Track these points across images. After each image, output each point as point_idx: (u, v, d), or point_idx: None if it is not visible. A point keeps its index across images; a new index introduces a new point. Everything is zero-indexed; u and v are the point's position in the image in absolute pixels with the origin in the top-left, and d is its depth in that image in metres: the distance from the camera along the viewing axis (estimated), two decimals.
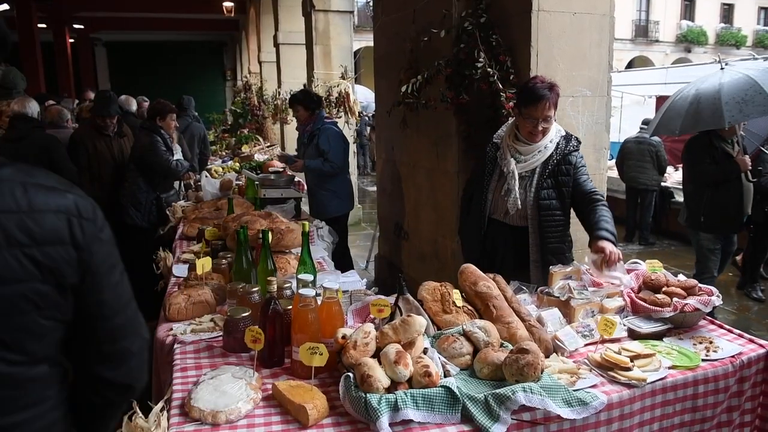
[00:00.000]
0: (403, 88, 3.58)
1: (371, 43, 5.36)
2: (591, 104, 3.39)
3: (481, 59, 3.10)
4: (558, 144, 2.67)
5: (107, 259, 1.09)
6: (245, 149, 7.09)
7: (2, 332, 0.98)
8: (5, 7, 12.90)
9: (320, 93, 6.84)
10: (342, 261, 4.53)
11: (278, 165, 4.89)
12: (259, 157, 6.24)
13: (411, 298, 1.95)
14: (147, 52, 21.72)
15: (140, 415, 1.45)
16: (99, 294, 1.07)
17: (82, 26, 18.12)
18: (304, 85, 6.18)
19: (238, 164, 6.22)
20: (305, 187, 4.68)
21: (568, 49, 3.27)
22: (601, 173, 3.49)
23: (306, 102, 4.62)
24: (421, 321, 1.70)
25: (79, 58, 18.81)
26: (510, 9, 3.30)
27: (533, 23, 3.14)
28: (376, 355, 1.66)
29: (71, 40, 17.82)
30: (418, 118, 3.98)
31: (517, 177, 2.63)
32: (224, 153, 7.79)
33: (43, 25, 14.90)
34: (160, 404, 1.51)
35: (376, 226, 5.04)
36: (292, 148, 9.40)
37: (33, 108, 4.23)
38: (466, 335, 1.82)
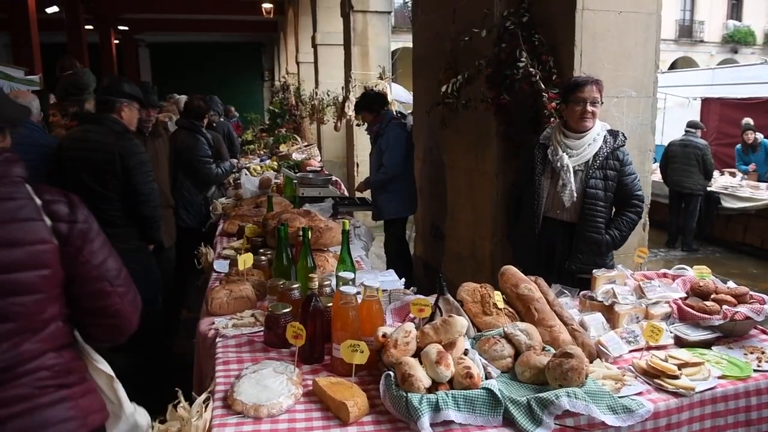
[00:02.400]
0: (443, 88, 3.56)
1: (408, 44, 5.36)
2: (636, 105, 3.31)
3: (523, 59, 3.06)
4: (605, 138, 2.78)
5: None
6: (283, 148, 7.17)
7: None
8: (54, 9, 13.38)
9: (358, 93, 6.88)
10: (398, 262, 4.54)
11: (315, 164, 4.93)
12: (296, 156, 6.30)
13: (451, 298, 1.93)
14: (188, 53, 22.20)
15: (184, 405, 1.47)
16: None
17: (126, 28, 18.68)
18: (366, 88, 6.16)
19: (276, 163, 6.30)
20: (342, 187, 4.71)
21: (612, 49, 3.20)
22: (645, 176, 3.40)
23: (368, 106, 4.67)
24: (462, 322, 1.68)
25: (124, 59, 19.39)
26: (553, 8, 3.25)
27: (577, 22, 3.09)
28: (417, 354, 1.66)
29: (116, 42, 18.38)
30: (457, 119, 3.96)
31: (571, 170, 2.73)
32: (262, 152, 7.91)
33: (90, 27, 15.40)
34: (204, 396, 1.54)
35: (412, 226, 5.03)
36: (328, 148, 9.49)
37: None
38: (508, 338, 1.79)
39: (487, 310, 1.96)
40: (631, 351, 1.91)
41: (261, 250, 2.78)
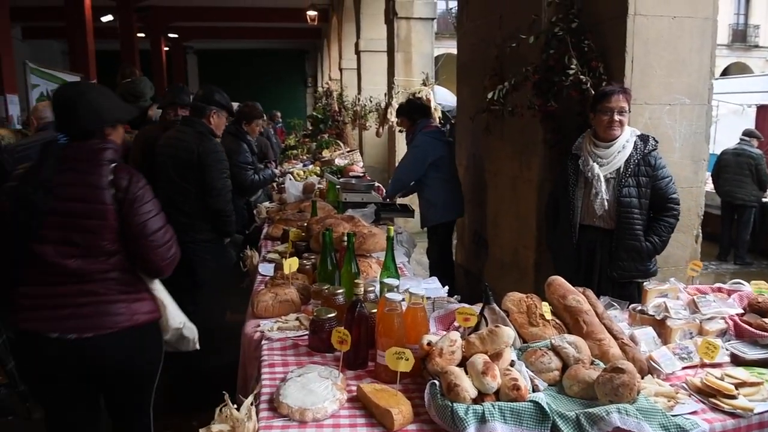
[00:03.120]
0: (489, 95, 3.53)
1: (451, 50, 5.35)
2: (689, 113, 3.21)
3: (572, 65, 3.01)
4: (636, 144, 2.78)
5: None
6: (326, 154, 7.25)
7: None
8: (109, 17, 13.92)
9: (400, 100, 6.89)
10: (439, 269, 4.52)
11: (358, 170, 4.96)
12: (339, 161, 6.36)
13: (497, 308, 1.91)
14: (234, 60, 22.74)
15: (233, 407, 1.50)
16: None
17: (176, 35, 19.27)
18: (411, 95, 6.18)
19: (318, 168, 6.37)
20: (384, 192, 4.72)
21: (665, 55, 3.11)
22: (698, 186, 3.30)
23: (407, 113, 4.73)
24: (509, 332, 1.66)
25: (173, 65, 20.01)
26: (603, 13, 3.19)
27: (629, 28, 3.02)
28: (462, 364, 1.64)
29: (166, 49, 18.99)
30: (502, 126, 3.92)
31: (603, 179, 2.77)
32: (305, 157, 8.01)
33: (142, 35, 15.96)
34: (251, 398, 1.56)
35: (454, 233, 4.99)
36: (369, 154, 9.54)
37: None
38: (555, 350, 1.76)
39: (534, 321, 1.93)
40: (684, 368, 1.84)
41: (305, 255, 2.81)
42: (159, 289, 2.15)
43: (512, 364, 1.67)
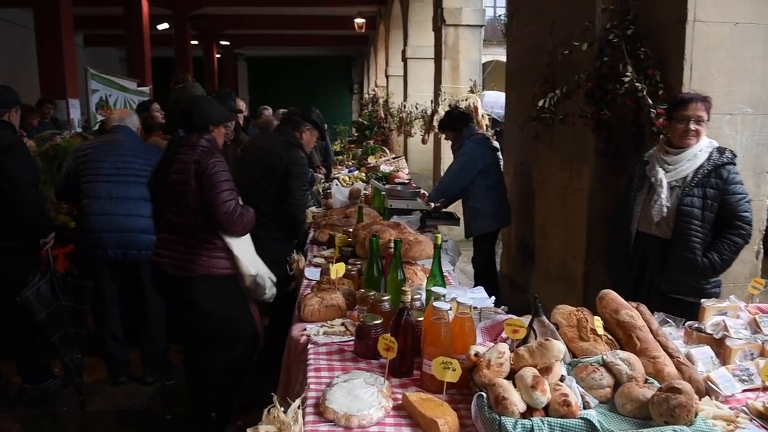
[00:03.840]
0: (540, 103, 3.48)
1: (498, 57, 5.30)
2: (752, 123, 3.08)
3: (627, 73, 2.93)
4: (710, 155, 2.68)
5: None
6: (371, 160, 7.29)
7: None
8: (165, 26, 14.44)
9: (447, 107, 6.87)
10: (483, 278, 4.48)
11: (404, 176, 4.96)
12: (384, 168, 6.38)
13: (546, 320, 1.86)
14: (282, 66, 23.20)
15: (280, 409, 1.51)
16: None
17: (228, 43, 19.81)
18: (451, 105, 6.14)
19: (364, 174, 6.41)
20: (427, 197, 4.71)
21: (726, 63, 3.00)
22: (760, 200, 3.15)
23: (450, 125, 4.71)
24: (559, 346, 1.62)
25: (224, 72, 20.58)
26: (661, 20, 3.10)
27: (687, 34, 2.93)
28: (510, 377, 1.61)
29: (218, 56, 19.53)
30: (552, 134, 3.86)
31: (665, 185, 2.68)
32: (350, 163, 8.07)
33: (195, 42, 16.48)
34: (298, 401, 1.57)
35: (499, 242, 4.93)
36: (414, 160, 9.55)
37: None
38: (607, 366, 1.70)
39: (584, 336, 1.87)
40: (744, 390, 1.75)
41: (351, 260, 2.82)
42: (236, 245, 2.78)
43: (562, 379, 1.62)
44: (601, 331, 1.87)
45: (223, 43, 19.66)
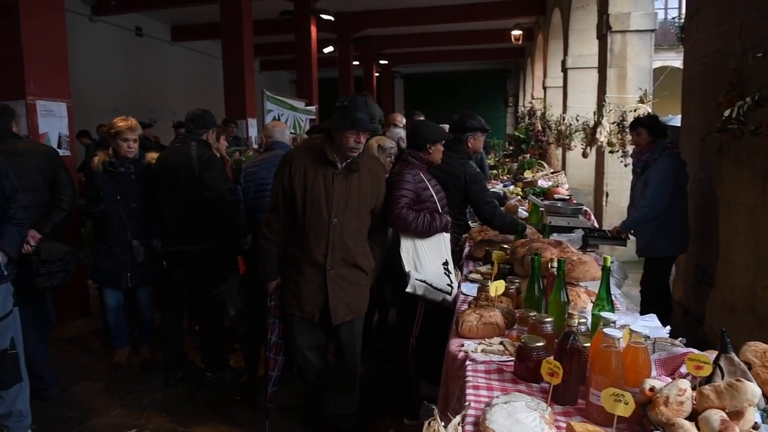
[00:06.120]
0: (726, 113, 3.12)
1: (669, 63, 4.84)
2: None
3: None
4: None
5: None
6: (527, 174, 7.09)
7: None
8: (330, 49, 15.48)
9: (612, 118, 6.47)
10: (655, 305, 4.10)
11: (564, 192, 4.75)
12: (542, 183, 6.17)
13: (736, 358, 1.66)
14: (436, 82, 23.62)
15: (441, 423, 1.53)
16: None
17: (386, 61, 20.67)
18: (649, 113, 5.76)
19: (520, 189, 6.25)
20: (592, 217, 4.45)
21: None
22: None
23: (652, 126, 4.25)
24: (754, 389, 1.43)
25: (382, 90, 21.49)
26: None
27: None
28: (691, 418, 1.46)
29: (377, 74, 20.46)
30: (739, 147, 3.44)
31: None
32: (505, 177, 7.92)
33: (356, 63, 17.43)
34: (459, 418, 1.58)
35: (672, 266, 4.48)
36: (573, 175, 9.11)
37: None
38: None
39: None
40: None
41: (509, 277, 2.76)
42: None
43: (756, 426, 1.43)
44: None
45: (381, 62, 20.55)
